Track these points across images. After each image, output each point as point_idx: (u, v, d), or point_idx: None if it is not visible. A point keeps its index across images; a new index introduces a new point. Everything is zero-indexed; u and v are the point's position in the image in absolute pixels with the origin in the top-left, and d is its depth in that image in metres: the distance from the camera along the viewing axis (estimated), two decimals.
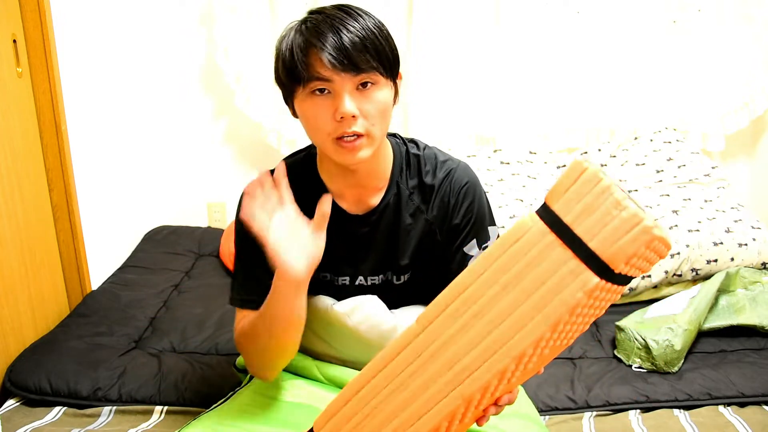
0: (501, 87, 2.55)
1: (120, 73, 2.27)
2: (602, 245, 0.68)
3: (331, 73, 0.99)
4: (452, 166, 1.17)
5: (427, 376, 0.78)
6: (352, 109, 1.00)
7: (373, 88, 1.03)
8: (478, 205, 1.16)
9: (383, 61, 1.03)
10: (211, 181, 2.76)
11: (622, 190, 0.69)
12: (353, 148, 1.03)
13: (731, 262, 1.95)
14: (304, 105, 1.04)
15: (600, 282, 0.69)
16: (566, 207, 0.70)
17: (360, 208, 1.16)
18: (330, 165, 1.14)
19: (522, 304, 0.72)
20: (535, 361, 0.76)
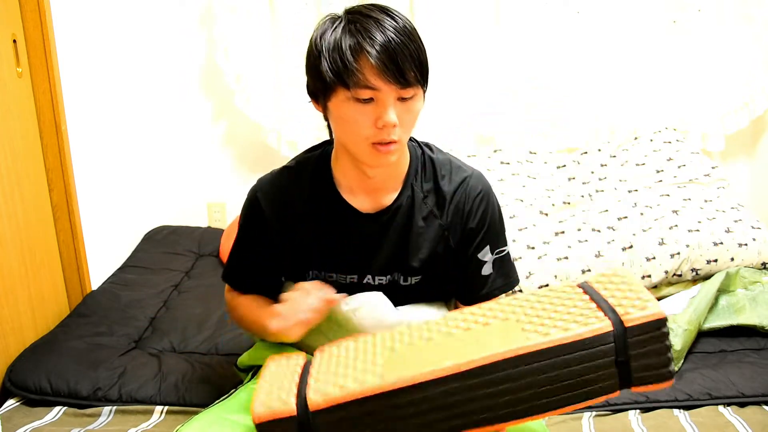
0: (501, 87, 2.55)
1: (120, 73, 2.27)
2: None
3: (381, 83, 1.01)
4: (468, 173, 1.20)
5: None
6: (395, 120, 1.03)
7: (413, 100, 1.06)
8: (492, 213, 1.20)
9: (423, 73, 1.05)
10: (211, 182, 2.76)
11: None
12: (388, 152, 1.06)
13: (731, 262, 1.95)
14: (343, 107, 1.04)
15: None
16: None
17: (372, 207, 1.17)
18: (347, 163, 1.15)
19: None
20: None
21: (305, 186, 1.19)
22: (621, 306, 0.80)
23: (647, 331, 0.78)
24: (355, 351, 0.86)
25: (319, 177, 1.18)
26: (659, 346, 0.78)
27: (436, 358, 0.80)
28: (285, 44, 2.48)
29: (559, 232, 2.06)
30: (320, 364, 0.85)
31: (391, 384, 0.78)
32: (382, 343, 0.86)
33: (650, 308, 0.78)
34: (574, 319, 0.80)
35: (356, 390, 0.78)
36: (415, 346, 0.84)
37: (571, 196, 2.25)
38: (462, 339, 0.83)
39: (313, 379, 0.82)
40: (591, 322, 0.79)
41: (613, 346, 0.78)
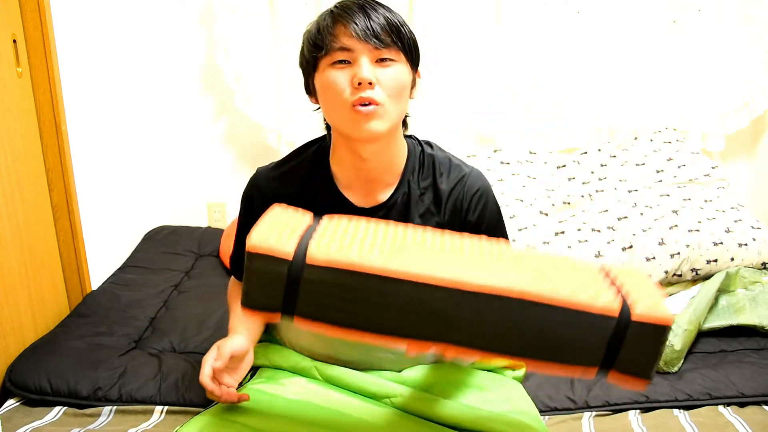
0: (501, 87, 2.55)
1: (120, 72, 2.27)
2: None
3: (354, 42, 1.04)
4: (466, 171, 1.20)
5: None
6: (371, 75, 1.04)
7: (392, 63, 1.07)
8: (490, 211, 1.20)
9: (404, 44, 1.08)
10: (211, 181, 2.76)
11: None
12: (368, 115, 1.05)
13: (731, 262, 1.95)
14: (323, 75, 1.07)
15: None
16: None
17: (368, 202, 1.17)
18: (343, 153, 1.15)
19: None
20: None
21: (302, 178, 1.19)
22: (632, 297, 0.79)
23: (649, 330, 0.77)
24: (365, 230, 0.84)
25: (316, 170, 1.19)
26: (653, 349, 0.78)
27: (446, 265, 0.78)
28: (285, 44, 2.48)
29: (559, 232, 2.06)
30: (328, 227, 0.83)
31: (393, 270, 0.76)
32: (394, 233, 0.85)
33: (660, 311, 0.78)
34: (584, 288, 0.79)
35: (357, 261, 0.76)
36: (426, 248, 0.83)
37: (571, 196, 2.25)
38: (475, 260, 0.82)
39: (318, 235, 0.80)
40: (600, 297, 0.78)
41: (614, 329, 0.77)
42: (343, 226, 0.84)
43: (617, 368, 0.79)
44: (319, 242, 0.78)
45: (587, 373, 0.80)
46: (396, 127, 1.12)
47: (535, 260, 0.86)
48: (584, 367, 0.80)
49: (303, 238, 0.79)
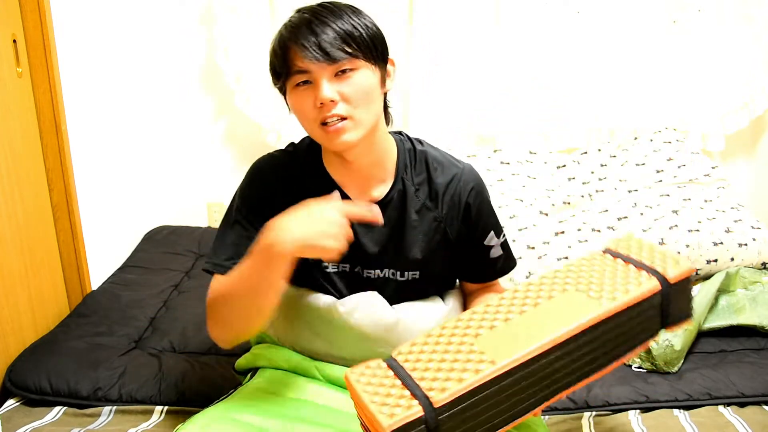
0: (501, 87, 2.55)
1: (120, 72, 2.27)
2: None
3: (308, 63, 1.04)
4: (460, 166, 1.22)
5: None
6: (330, 95, 1.05)
7: (351, 72, 1.07)
8: (487, 203, 1.25)
9: (361, 47, 1.07)
10: (211, 181, 2.76)
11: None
12: (336, 131, 1.07)
13: (731, 262, 1.95)
14: (291, 98, 1.11)
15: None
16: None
17: (363, 199, 1.18)
18: (330, 156, 1.18)
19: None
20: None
21: (299, 172, 1.20)
22: (658, 265, 0.92)
23: (683, 283, 0.92)
24: (439, 345, 0.88)
25: (313, 166, 1.20)
26: (688, 294, 0.95)
27: (532, 334, 0.84)
28: None
29: (559, 232, 2.06)
30: (413, 365, 0.86)
31: (505, 366, 0.81)
32: (462, 332, 0.89)
33: (683, 264, 0.92)
34: (627, 282, 0.90)
35: (474, 379, 0.80)
36: (499, 329, 0.88)
37: (571, 196, 2.25)
38: (540, 315, 0.89)
39: (419, 380, 0.83)
40: (642, 282, 0.90)
41: (660, 300, 0.90)
42: (419, 353, 0.87)
43: (671, 323, 0.93)
44: (430, 385, 0.82)
45: (654, 339, 0.94)
46: (374, 128, 1.12)
47: (571, 278, 0.95)
48: (651, 338, 0.93)
49: (414, 392, 0.82)
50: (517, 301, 0.92)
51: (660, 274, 0.91)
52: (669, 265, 0.92)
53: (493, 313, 0.91)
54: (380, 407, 0.81)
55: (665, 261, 0.93)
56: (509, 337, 0.86)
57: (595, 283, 0.92)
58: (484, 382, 0.81)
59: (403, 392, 0.82)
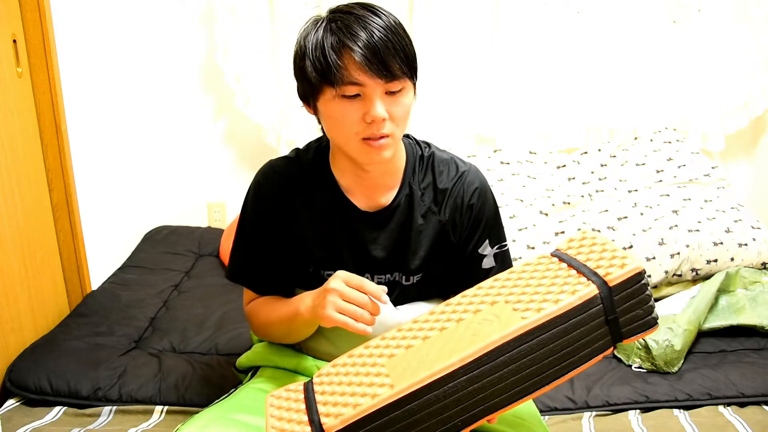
0: (501, 87, 2.55)
1: (120, 72, 2.27)
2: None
3: (365, 78, 1.01)
4: (464, 168, 1.21)
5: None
6: (383, 114, 1.02)
7: (401, 93, 1.05)
8: (489, 207, 1.20)
9: (411, 65, 1.05)
10: (211, 181, 2.76)
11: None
12: (380, 148, 1.05)
13: (731, 262, 1.95)
14: (331, 105, 1.05)
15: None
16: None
17: (370, 206, 1.17)
18: (343, 162, 1.15)
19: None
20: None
21: (305, 179, 1.19)
22: (600, 267, 0.83)
23: (630, 285, 0.81)
24: (354, 367, 0.86)
25: (319, 172, 1.18)
26: (642, 296, 0.82)
27: (440, 355, 0.80)
28: (285, 44, 2.48)
29: (559, 232, 2.06)
30: (323, 387, 0.84)
31: (403, 390, 0.77)
32: (379, 353, 0.86)
33: (628, 264, 0.82)
34: (560, 290, 0.82)
35: (369, 404, 0.77)
36: (414, 348, 0.83)
37: (571, 196, 2.25)
38: (458, 331, 0.83)
39: (321, 404, 0.81)
40: (578, 289, 0.81)
41: (602, 307, 0.81)
42: (334, 375, 0.86)
43: (626, 335, 0.83)
44: (326, 409, 0.80)
45: (606, 354, 0.84)
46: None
47: (504, 288, 0.88)
48: (602, 354, 0.83)
49: (310, 416, 0.80)
50: (443, 316, 0.88)
51: (600, 277, 0.82)
52: (614, 267, 0.82)
53: (417, 330, 0.87)
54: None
55: (610, 262, 0.84)
56: (419, 358, 0.81)
57: (528, 293, 0.85)
58: (381, 408, 0.77)
59: (302, 418, 0.81)
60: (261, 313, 1.21)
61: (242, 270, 1.24)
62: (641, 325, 0.83)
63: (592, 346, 0.82)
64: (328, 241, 1.18)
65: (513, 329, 0.79)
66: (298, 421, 0.80)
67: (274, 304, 1.19)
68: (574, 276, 0.84)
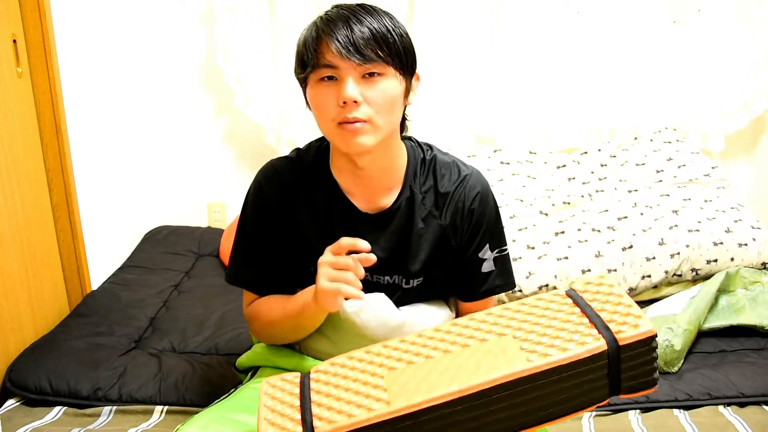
0: (501, 87, 2.55)
1: (120, 72, 2.27)
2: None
3: (338, 59, 1.02)
4: (466, 172, 1.20)
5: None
6: (354, 95, 1.03)
7: (379, 78, 1.05)
8: (490, 211, 1.20)
9: (393, 55, 1.05)
10: (211, 181, 2.76)
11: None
12: (354, 132, 1.05)
13: (731, 262, 1.95)
14: (312, 91, 1.08)
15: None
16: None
17: (371, 207, 1.17)
18: (340, 161, 1.15)
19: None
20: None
21: (306, 179, 1.19)
22: (614, 322, 0.83)
23: (639, 347, 0.81)
24: (353, 371, 0.85)
25: (319, 173, 1.18)
26: (648, 358, 0.82)
27: (440, 380, 0.80)
28: (285, 44, 2.48)
29: (559, 232, 2.06)
30: (320, 386, 0.84)
31: (399, 410, 0.77)
32: (380, 361, 0.86)
33: (642, 326, 0.82)
34: (570, 338, 0.82)
35: (364, 417, 0.77)
36: (415, 366, 0.84)
37: (571, 196, 2.25)
38: (462, 357, 0.83)
39: (316, 405, 0.81)
40: (587, 341, 0.81)
41: (607, 362, 0.81)
42: (332, 375, 0.85)
43: (624, 391, 0.83)
44: (320, 413, 0.79)
45: (600, 405, 0.84)
46: (389, 136, 1.11)
47: (513, 321, 0.88)
48: (596, 404, 0.84)
49: (304, 416, 0.80)
50: (449, 337, 0.88)
51: (612, 333, 0.82)
52: (627, 325, 0.82)
53: (421, 345, 0.87)
54: (268, 425, 0.80)
55: (624, 319, 0.83)
56: (419, 378, 0.81)
57: (537, 332, 0.84)
58: (374, 423, 0.77)
59: (295, 415, 0.80)
60: (264, 312, 1.21)
61: (242, 271, 1.24)
62: (642, 384, 0.83)
63: (587, 396, 0.82)
64: (329, 241, 1.17)
65: (517, 370, 0.79)
66: (291, 417, 0.80)
67: (277, 301, 1.19)
68: (585, 325, 0.84)
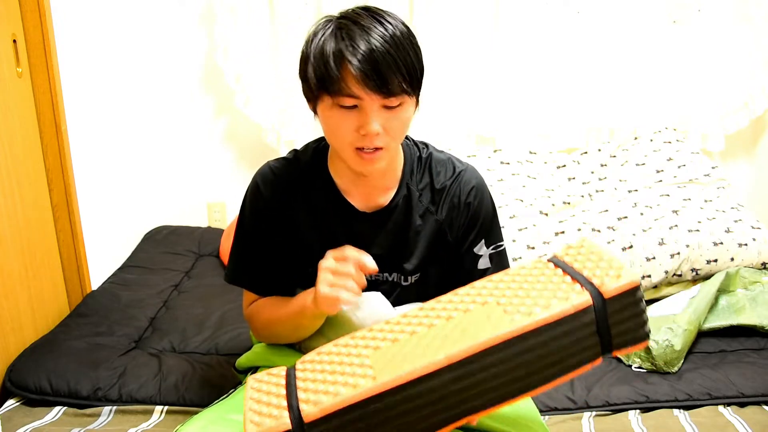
0: (501, 87, 2.55)
1: (120, 72, 2.27)
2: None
3: (362, 92, 1.00)
4: (461, 168, 1.21)
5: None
6: (378, 129, 1.02)
7: (399, 108, 1.04)
8: (485, 207, 1.20)
9: (412, 80, 1.04)
10: (211, 181, 2.76)
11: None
12: (372, 160, 1.06)
13: (731, 262, 1.95)
14: (328, 113, 1.05)
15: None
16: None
17: (368, 206, 1.18)
18: (341, 163, 1.16)
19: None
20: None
21: (304, 180, 1.19)
22: (596, 277, 0.82)
23: (624, 298, 0.80)
24: (338, 356, 0.84)
25: (317, 173, 1.19)
26: (636, 310, 0.81)
27: (427, 351, 0.79)
28: (285, 44, 2.48)
29: (559, 232, 2.06)
30: (305, 374, 0.83)
31: (386, 384, 0.76)
32: (365, 344, 0.85)
33: (625, 276, 0.80)
34: (554, 296, 0.81)
35: (350, 395, 0.76)
36: (401, 342, 0.82)
37: (571, 196, 2.25)
38: (446, 329, 0.82)
39: (302, 391, 0.80)
40: (571, 297, 0.80)
41: (594, 317, 0.80)
42: (318, 362, 0.84)
43: (616, 347, 0.82)
44: (306, 396, 0.78)
45: (594, 364, 0.82)
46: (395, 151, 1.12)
47: (497, 290, 0.87)
48: (590, 363, 0.82)
49: (290, 401, 0.78)
50: (433, 313, 0.87)
51: (595, 287, 0.81)
52: (609, 277, 0.81)
53: (405, 324, 0.86)
54: (253, 415, 0.78)
55: (607, 272, 0.82)
56: (405, 352, 0.80)
57: (520, 296, 0.83)
58: (362, 400, 0.76)
59: (281, 403, 0.79)
60: (264, 313, 1.21)
61: (242, 272, 1.24)
62: (632, 339, 0.82)
63: (579, 356, 0.81)
64: (327, 241, 1.17)
65: (502, 332, 0.78)
66: (277, 405, 0.79)
67: (278, 302, 1.20)
68: (568, 283, 0.83)
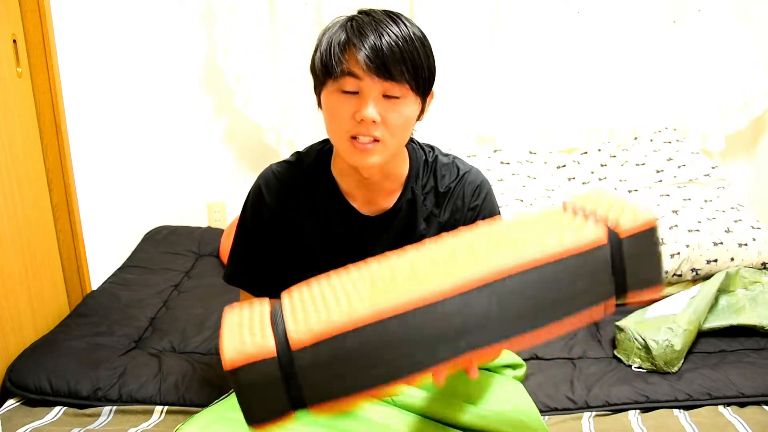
0: (501, 87, 2.55)
1: (120, 72, 2.27)
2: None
3: (363, 73, 1.00)
4: (465, 170, 1.21)
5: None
6: (374, 115, 1.01)
7: (399, 101, 1.03)
8: (490, 207, 1.20)
9: (417, 76, 1.03)
10: (211, 181, 2.76)
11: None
12: (365, 151, 1.04)
13: (731, 262, 1.95)
14: (329, 98, 1.05)
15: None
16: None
17: (372, 210, 1.17)
18: (343, 164, 1.15)
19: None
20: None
21: (306, 183, 1.19)
22: (612, 215, 0.78)
23: (641, 238, 0.76)
24: (329, 287, 0.75)
25: (320, 175, 1.18)
26: (652, 253, 0.77)
27: (430, 279, 0.71)
28: (285, 44, 2.48)
29: None
30: (292, 303, 0.74)
31: (385, 310, 0.68)
32: (360, 276, 0.76)
33: (641, 215, 0.76)
34: (569, 229, 0.76)
35: (344, 321, 0.68)
36: (399, 275, 0.74)
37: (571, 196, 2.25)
38: (449, 261, 0.75)
39: (289, 318, 0.70)
40: (585, 231, 0.75)
41: (609, 254, 0.75)
42: (307, 293, 0.75)
43: (631, 288, 0.77)
44: (295, 321, 0.69)
45: (608, 308, 0.78)
46: (396, 152, 1.11)
47: (507, 227, 0.82)
48: (603, 304, 0.77)
49: (276, 325, 0.70)
50: (435, 247, 0.79)
51: (611, 227, 0.75)
52: (625, 216, 0.76)
53: (402, 261, 0.78)
54: (232, 341, 0.68)
55: (622, 211, 0.77)
56: (404, 281, 0.72)
57: (533, 231, 0.77)
58: (357, 327, 0.67)
59: (265, 329, 0.69)
60: None
61: (241, 273, 1.25)
62: (647, 281, 0.77)
63: (593, 294, 0.76)
64: (329, 244, 1.17)
65: (512, 261, 0.72)
66: (261, 331, 0.69)
67: None
68: (581, 220, 0.78)
